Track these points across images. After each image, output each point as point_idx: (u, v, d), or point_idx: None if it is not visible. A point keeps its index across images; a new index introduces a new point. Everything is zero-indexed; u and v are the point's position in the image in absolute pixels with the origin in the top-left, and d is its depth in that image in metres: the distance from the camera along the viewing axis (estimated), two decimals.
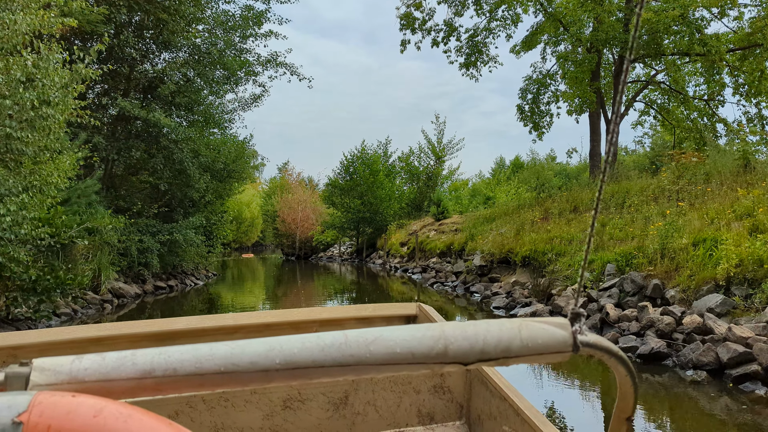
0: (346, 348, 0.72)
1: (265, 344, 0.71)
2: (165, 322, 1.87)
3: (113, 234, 14.46)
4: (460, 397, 1.99)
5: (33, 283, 9.27)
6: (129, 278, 16.41)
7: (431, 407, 1.97)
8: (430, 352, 0.73)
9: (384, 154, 35.97)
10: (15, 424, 0.53)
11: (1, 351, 1.65)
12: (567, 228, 13.92)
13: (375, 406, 1.92)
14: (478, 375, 1.82)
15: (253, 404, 1.79)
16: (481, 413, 1.80)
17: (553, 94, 23.16)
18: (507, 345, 0.75)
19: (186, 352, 0.69)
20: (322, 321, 2.05)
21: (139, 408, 0.60)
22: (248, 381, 0.70)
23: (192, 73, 18.35)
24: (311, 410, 1.84)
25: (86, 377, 0.65)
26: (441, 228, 25.20)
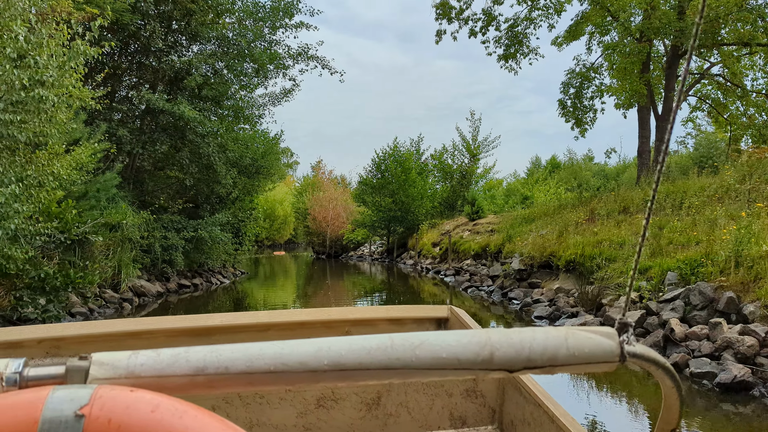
0: (392, 351, 0.72)
1: (313, 345, 0.72)
2: (200, 317, 1.90)
3: (135, 230, 13.94)
4: (492, 401, 1.96)
5: (41, 282, 8.70)
6: (153, 276, 15.91)
7: (463, 411, 1.95)
8: (476, 358, 0.74)
9: (416, 151, 35.01)
10: (77, 417, 0.54)
11: (44, 342, 1.68)
12: (617, 231, 12.76)
13: (407, 407, 1.90)
14: (512, 380, 1.80)
15: (288, 402, 1.80)
16: (514, 418, 1.78)
17: (598, 88, 21.85)
18: (553, 353, 0.74)
19: (237, 351, 0.70)
20: (353, 321, 2.02)
21: (193, 404, 0.61)
22: (296, 381, 0.72)
23: (220, 65, 17.77)
24: (344, 410, 1.84)
25: (142, 373, 0.67)
26: (475, 228, 24.14)
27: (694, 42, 0.78)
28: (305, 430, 1.83)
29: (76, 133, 11.05)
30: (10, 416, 0.55)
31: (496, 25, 19.94)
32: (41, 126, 5.75)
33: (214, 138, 17.23)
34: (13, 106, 5.21)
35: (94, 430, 0.55)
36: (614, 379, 6.85)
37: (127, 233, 13.72)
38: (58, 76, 5.49)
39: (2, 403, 0.57)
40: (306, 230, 43.30)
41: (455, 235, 24.14)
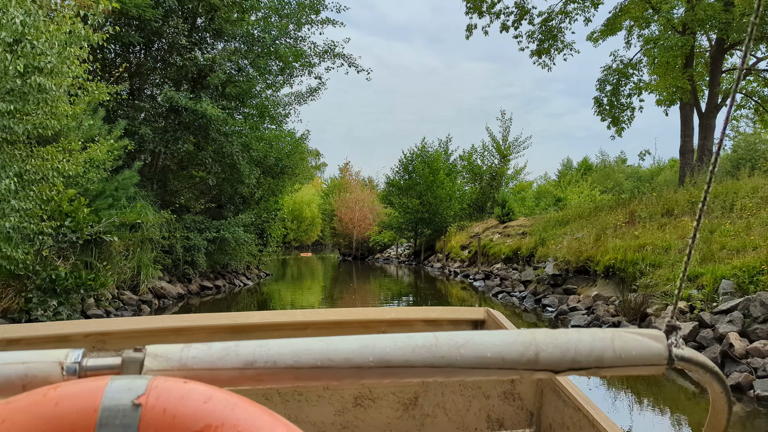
0: (437, 350, 0.73)
1: (358, 342, 0.73)
2: (240, 315, 1.91)
3: (155, 230, 13.63)
4: (530, 404, 1.91)
5: (52, 283, 8.35)
6: (174, 277, 15.60)
7: (501, 413, 1.91)
8: (520, 358, 0.74)
9: (444, 152, 34.26)
10: (135, 406, 0.57)
11: (91, 336, 1.72)
12: (660, 234, 11.89)
13: (444, 408, 1.89)
14: (550, 383, 1.77)
15: (326, 399, 1.81)
16: (553, 422, 1.74)
17: (636, 85, 20.84)
18: (599, 355, 0.75)
19: (284, 346, 0.72)
20: (390, 321, 2.02)
21: (243, 397, 0.63)
22: (342, 377, 0.73)
23: (244, 62, 17.42)
24: (381, 409, 1.85)
25: (194, 365, 0.69)
26: (506, 231, 23.33)
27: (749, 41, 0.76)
28: (343, 428, 1.84)
29: (94, 130, 10.75)
30: (71, 404, 0.57)
31: (530, 19, 19.15)
32: (43, 118, 5.34)
33: (238, 137, 16.88)
34: (9, 95, 4.81)
35: (150, 419, 0.57)
36: (655, 385, 6.63)
37: (148, 233, 13.42)
38: (57, 62, 5.07)
39: (64, 391, 0.59)
40: (332, 232, 42.95)
41: (485, 238, 23.37)
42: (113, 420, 0.57)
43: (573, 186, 31.96)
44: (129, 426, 0.57)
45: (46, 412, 0.57)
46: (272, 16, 18.54)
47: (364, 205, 40.01)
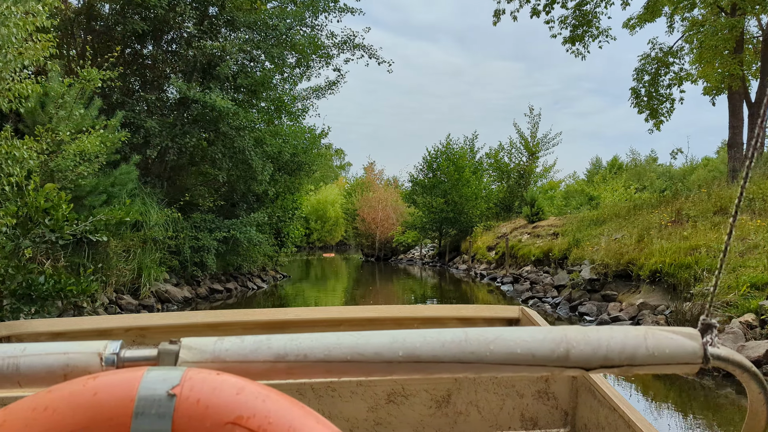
0: (467, 345, 0.73)
1: (388, 336, 0.74)
2: (276, 311, 1.96)
3: (160, 229, 12.78)
4: (565, 404, 1.89)
5: (28, 289, 7.46)
6: (182, 280, 14.76)
7: (535, 412, 1.89)
8: (551, 354, 0.74)
9: (470, 150, 32.98)
10: (170, 396, 0.59)
11: (131, 331, 1.77)
12: (714, 234, 10.54)
13: (477, 406, 1.88)
14: (585, 383, 1.76)
15: (359, 396, 1.81)
16: (588, 422, 1.74)
17: (676, 75, 19.34)
18: (632, 353, 0.74)
19: (315, 340, 0.73)
20: (423, 319, 2.01)
21: (274, 389, 0.64)
22: (372, 371, 0.73)
23: (258, 53, 16.51)
24: (414, 406, 1.83)
25: (227, 357, 0.71)
26: (535, 231, 22.00)
27: None
28: (376, 424, 1.83)
29: (86, 120, 9.89)
30: (109, 393, 0.60)
31: (562, 2, 17.83)
32: None
33: (251, 131, 15.97)
34: None
35: (185, 409, 0.59)
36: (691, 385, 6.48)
37: (150, 233, 12.57)
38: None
39: (102, 380, 0.61)
40: (355, 232, 41.99)
41: (513, 239, 22.07)
42: (149, 409, 0.59)
43: (606, 184, 30.34)
44: (164, 415, 0.59)
45: (86, 401, 0.59)
46: (288, 5, 17.61)
47: (387, 205, 38.95)
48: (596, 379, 1.69)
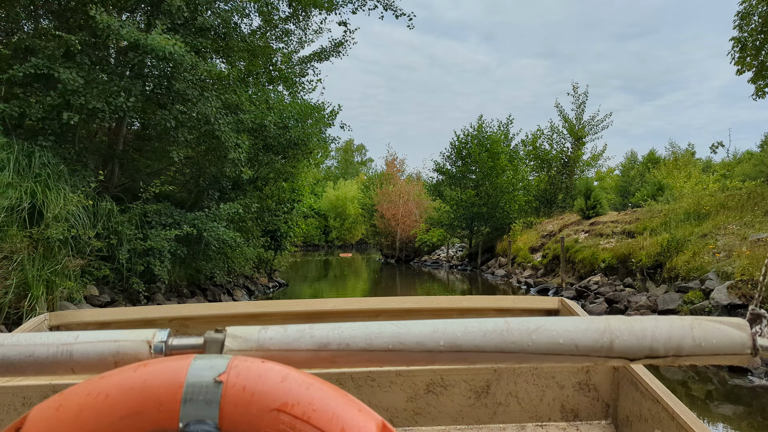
0: (508, 335, 0.73)
1: (429, 326, 0.74)
2: (315, 302, 1.97)
3: (61, 226, 8.59)
4: (606, 396, 1.88)
5: None
6: (121, 295, 10.57)
7: (575, 404, 1.88)
8: (594, 345, 0.73)
9: (504, 136, 28.29)
10: (216, 383, 0.60)
11: (174, 321, 1.81)
12: None
13: (517, 397, 1.87)
14: (627, 375, 1.74)
15: (398, 386, 1.83)
16: (630, 414, 1.72)
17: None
18: (678, 343, 0.73)
19: (357, 329, 0.74)
20: (461, 309, 2.02)
21: (318, 377, 0.65)
22: (413, 360, 0.74)
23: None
24: (453, 396, 1.85)
25: (271, 346, 0.73)
26: (596, 229, 17.37)
27: None
28: (415, 414, 1.85)
29: None
30: (159, 379, 0.61)
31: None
32: None
33: (220, 91, 11.72)
34: None
35: (231, 395, 0.60)
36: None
37: (54, 230, 8.41)
38: None
39: (152, 367, 0.63)
40: (372, 230, 37.60)
41: (567, 239, 17.43)
42: (197, 395, 0.60)
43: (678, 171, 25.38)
44: (211, 401, 0.59)
45: (137, 387, 0.60)
46: None
47: (409, 199, 34.44)
48: (639, 371, 1.66)
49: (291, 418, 0.59)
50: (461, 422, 1.85)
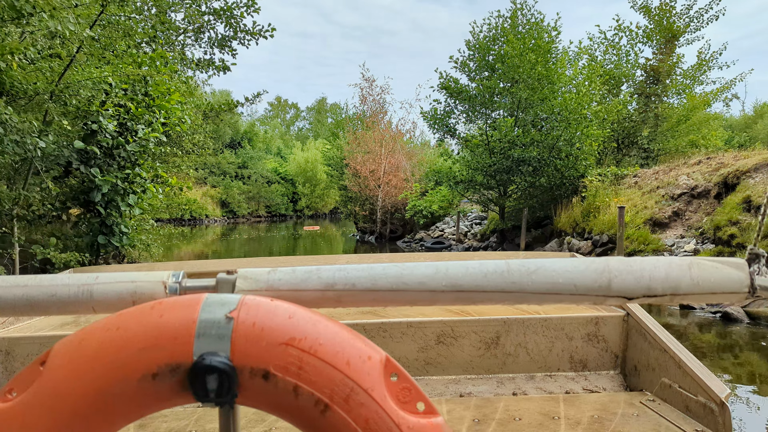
0: (509, 275, 0.74)
1: (432, 267, 0.76)
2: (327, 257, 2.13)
3: None
4: (615, 346, 1.89)
5: None
6: None
7: (584, 354, 1.89)
8: (593, 284, 0.74)
9: (548, 36, 16.87)
10: (228, 319, 0.64)
11: None
12: None
13: (526, 348, 1.88)
14: (636, 326, 1.78)
15: (409, 336, 1.84)
16: (638, 364, 1.75)
17: None
18: (675, 282, 0.74)
19: (362, 270, 0.76)
20: None
21: (324, 315, 0.68)
22: (415, 300, 0.76)
23: None
24: (463, 347, 1.86)
25: (280, 286, 0.76)
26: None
27: None
28: (426, 364, 1.85)
29: None
30: (174, 315, 0.65)
31: None
32: None
33: None
34: None
35: (242, 330, 0.64)
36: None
37: None
38: None
39: (167, 305, 0.67)
40: (342, 195, 26.44)
41: None
42: (209, 330, 0.63)
43: None
44: (223, 336, 0.63)
45: (153, 322, 0.64)
46: None
47: (396, 147, 23.23)
48: (647, 321, 1.68)
49: (299, 351, 0.63)
50: (471, 372, 1.86)
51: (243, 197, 50.84)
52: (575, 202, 13.26)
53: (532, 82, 14.03)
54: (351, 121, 26.21)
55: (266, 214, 53.17)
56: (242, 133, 59.59)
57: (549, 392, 1.76)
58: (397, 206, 22.67)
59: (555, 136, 13.85)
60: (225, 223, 46.69)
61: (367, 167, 22.75)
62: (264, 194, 53.11)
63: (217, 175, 50.72)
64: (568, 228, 13.13)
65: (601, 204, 12.18)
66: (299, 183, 56.43)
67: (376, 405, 0.63)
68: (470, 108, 15.46)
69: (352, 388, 0.63)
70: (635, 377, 1.76)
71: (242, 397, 0.64)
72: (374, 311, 2.06)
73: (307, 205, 57.12)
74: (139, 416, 0.66)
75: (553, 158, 13.90)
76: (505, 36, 14.75)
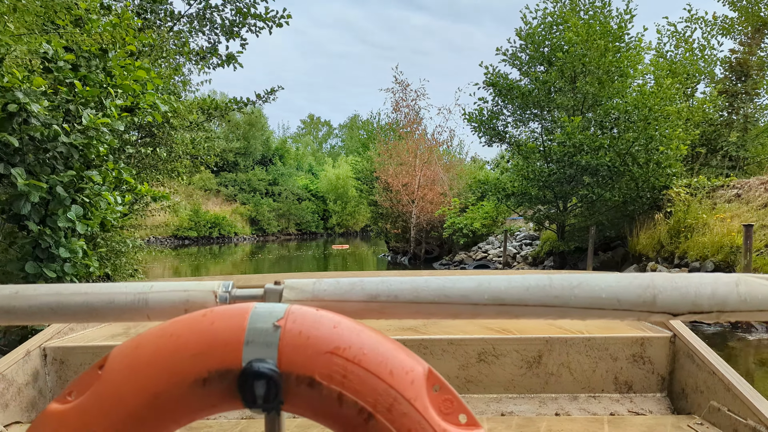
0: (551, 290, 0.74)
1: (474, 281, 0.76)
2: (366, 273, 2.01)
3: None
4: (661, 368, 1.83)
5: None
6: None
7: (629, 376, 1.83)
8: (636, 299, 0.73)
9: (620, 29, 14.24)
10: (275, 327, 0.66)
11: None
12: None
13: (569, 368, 1.83)
14: (683, 347, 1.75)
15: (450, 354, 1.83)
16: (686, 386, 1.71)
17: None
18: (722, 299, 0.72)
19: (405, 282, 0.77)
20: None
21: (368, 325, 0.70)
22: (458, 313, 0.76)
23: None
24: (505, 365, 1.84)
25: (324, 297, 0.77)
26: None
27: None
28: (466, 381, 1.85)
29: None
30: (224, 323, 0.67)
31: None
32: None
33: None
34: None
35: (289, 339, 0.65)
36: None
37: None
38: None
39: (218, 313, 0.69)
40: (373, 211, 24.14)
41: None
42: (258, 338, 0.65)
43: None
44: (271, 344, 0.65)
45: (204, 330, 0.67)
46: None
47: (432, 158, 20.86)
48: (694, 343, 1.66)
49: (343, 360, 0.64)
50: (513, 391, 1.84)
51: (273, 215, 49.66)
52: (658, 219, 10.66)
53: (601, 74, 11.54)
54: (383, 130, 23.95)
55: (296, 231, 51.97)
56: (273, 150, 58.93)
57: (593, 413, 1.70)
58: (434, 223, 20.26)
59: (629, 138, 11.28)
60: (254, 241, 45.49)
61: (400, 180, 20.44)
62: (294, 211, 51.83)
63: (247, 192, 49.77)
64: (650, 251, 10.52)
65: (696, 221, 9.59)
66: (330, 200, 55.37)
67: (419, 415, 0.63)
68: (522, 107, 13.01)
69: (395, 397, 0.64)
70: (683, 400, 1.71)
71: (288, 404, 0.66)
72: (414, 328, 1.99)
73: (338, 222, 55.95)
74: (190, 420, 0.68)
75: (627, 166, 11.31)
76: (565, 22, 12.31)
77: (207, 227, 42.73)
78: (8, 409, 1.57)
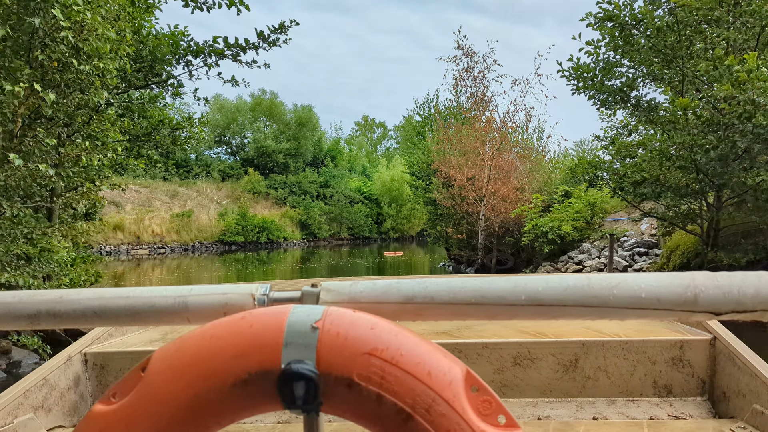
0: (589, 290, 0.73)
1: (510, 281, 0.76)
2: None
3: None
4: (701, 372, 1.78)
5: None
6: None
7: (668, 380, 1.79)
8: (677, 299, 0.72)
9: None
10: (313, 328, 0.67)
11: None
12: None
13: (606, 372, 1.78)
14: (724, 350, 1.69)
15: (485, 357, 1.82)
16: (727, 390, 1.66)
17: None
18: (767, 297, 0.70)
19: (441, 284, 0.77)
20: None
21: (404, 327, 0.70)
22: (495, 314, 0.76)
23: None
24: (541, 369, 1.80)
25: (361, 298, 0.78)
26: None
27: None
28: (502, 386, 1.84)
29: None
30: (263, 325, 0.68)
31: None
32: None
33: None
34: None
35: (327, 340, 0.66)
36: None
37: None
38: None
39: (256, 315, 0.70)
40: (430, 212, 20.12)
41: None
42: (296, 339, 0.66)
43: None
44: (309, 345, 0.66)
45: (244, 331, 0.68)
46: None
47: (506, 145, 16.66)
48: (736, 345, 1.61)
49: (381, 361, 0.64)
50: (549, 395, 1.81)
51: (324, 218, 46.93)
52: None
53: None
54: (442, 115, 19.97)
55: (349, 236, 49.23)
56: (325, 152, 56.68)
57: (632, 418, 1.68)
58: (508, 226, 16.10)
59: None
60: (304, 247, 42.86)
61: (464, 173, 16.39)
62: (346, 215, 48.98)
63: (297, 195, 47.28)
64: None
65: None
66: (384, 203, 52.46)
67: (458, 416, 0.63)
68: (654, 56, 8.75)
69: (434, 398, 0.63)
70: (724, 404, 1.67)
71: (327, 405, 0.66)
72: (449, 332, 1.95)
73: (392, 226, 53.09)
74: (231, 421, 0.69)
75: None
76: None
77: (255, 232, 40.50)
78: (51, 413, 1.58)
